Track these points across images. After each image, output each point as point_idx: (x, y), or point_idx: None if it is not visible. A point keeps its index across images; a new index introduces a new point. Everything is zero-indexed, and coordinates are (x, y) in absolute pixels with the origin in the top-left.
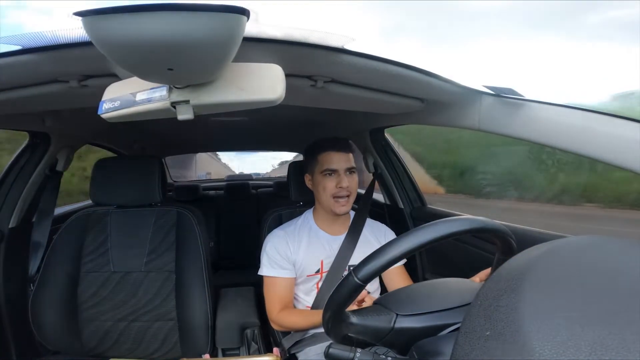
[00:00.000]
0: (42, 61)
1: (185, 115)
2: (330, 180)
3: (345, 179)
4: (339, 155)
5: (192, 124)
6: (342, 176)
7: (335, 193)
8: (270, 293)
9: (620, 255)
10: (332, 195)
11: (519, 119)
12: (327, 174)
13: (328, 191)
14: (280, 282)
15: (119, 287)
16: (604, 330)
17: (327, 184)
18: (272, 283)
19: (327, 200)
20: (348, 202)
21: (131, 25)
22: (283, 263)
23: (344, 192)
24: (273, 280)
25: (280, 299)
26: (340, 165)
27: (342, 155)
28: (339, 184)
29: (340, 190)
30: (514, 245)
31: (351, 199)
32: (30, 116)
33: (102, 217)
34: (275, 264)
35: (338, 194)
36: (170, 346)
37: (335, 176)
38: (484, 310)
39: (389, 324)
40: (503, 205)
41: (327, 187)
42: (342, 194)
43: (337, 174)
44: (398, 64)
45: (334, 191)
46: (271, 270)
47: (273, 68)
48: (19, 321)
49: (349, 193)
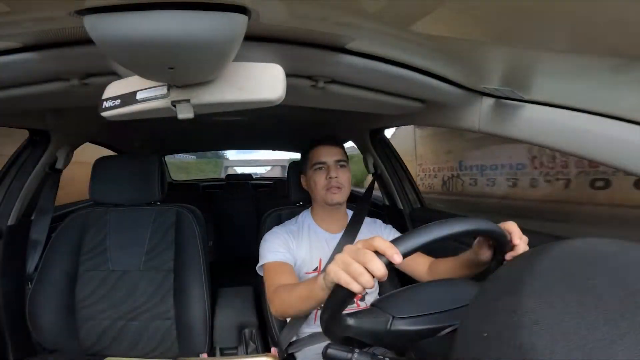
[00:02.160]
0: (44, 59)
1: (185, 114)
2: (320, 173)
3: (334, 170)
4: (328, 149)
5: (192, 123)
6: (331, 168)
7: (326, 185)
8: (273, 277)
9: (619, 256)
10: (323, 187)
11: (519, 120)
12: (318, 167)
13: (319, 185)
14: (282, 265)
15: (117, 285)
16: (603, 332)
17: (317, 178)
18: (272, 267)
19: (320, 193)
20: (340, 192)
21: (132, 24)
22: (283, 250)
23: (334, 182)
24: (273, 265)
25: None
26: (329, 158)
27: (331, 148)
28: (328, 174)
29: (330, 181)
30: (513, 245)
31: (344, 191)
32: (31, 114)
33: (101, 216)
34: (276, 250)
35: (328, 185)
36: (168, 345)
37: (325, 169)
38: (483, 311)
39: (385, 327)
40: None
41: (318, 181)
42: (333, 184)
43: (327, 167)
44: (399, 64)
45: (324, 183)
46: (271, 255)
47: (273, 68)
48: (17, 319)
49: (339, 185)
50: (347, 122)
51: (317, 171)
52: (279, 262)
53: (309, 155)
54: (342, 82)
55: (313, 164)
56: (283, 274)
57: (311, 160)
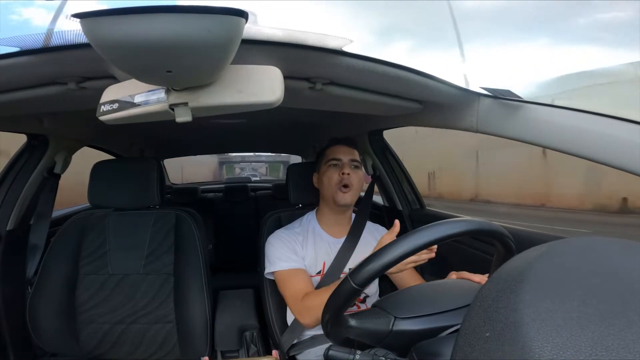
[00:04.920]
0: (41, 63)
1: (183, 117)
2: (334, 170)
3: (347, 168)
4: (344, 148)
5: (191, 126)
6: (345, 166)
7: (338, 183)
8: (293, 286)
9: (619, 256)
10: (336, 183)
11: (517, 120)
12: (332, 164)
13: (332, 181)
14: (299, 273)
15: (117, 289)
16: (604, 331)
17: (331, 174)
18: (289, 276)
19: (331, 190)
20: (351, 193)
21: (130, 28)
22: (294, 256)
23: (345, 179)
24: (289, 273)
25: (306, 289)
26: (345, 157)
27: (348, 148)
28: (342, 171)
29: (344, 178)
30: (513, 246)
31: (354, 192)
32: (29, 118)
33: (101, 220)
34: (288, 258)
35: (341, 183)
36: (169, 349)
37: (340, 166)
38: (484, 311)
39: (387, 327)
40: None
41: (332, 177)
42: (345, 182)
43: (342, 164)
44: (396, 65)
45: (337, 179)
46: (285, 264)
47: (272, 70)
48: (17, 323)
49: (350, 183)
50: (346, 124)
51: (332, 167)
52: (294, 270)
53: (326, 152)
54: (340, 84)
55: (328, 160)
56: (301, 282)
57: (327, 157)
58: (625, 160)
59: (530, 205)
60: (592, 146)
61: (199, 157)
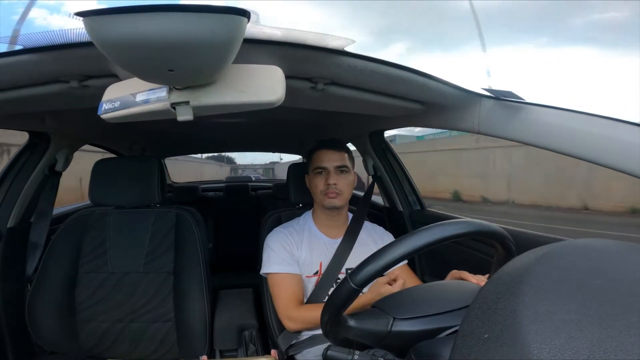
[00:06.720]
0: (43, 61)
1: (184, 116)
2: (320, 178)
3: (333, 176)
4: (330, 154)
5: (192, 125)
6: (331, 174)
7: (324, 190)
8: (282, 291)
9: (618, 258)
10: (322, 191)
11: (518, 122)
12: (318, 172)
13: (318, 189)
14: (291, 278)
15: (117, 288)
16: (603, 333)
17: (317, 182)
18: (282, 280)
19: (318, 197)
20: (338, 197)
21: (132, 26)
22: (290, 260)
23: (332, 189)
24: (282, 277)
25: (296, 295)
26: (329, 164)
27: (333, 153)
28: (326, 181)
29: (328, 187)
30: (513, 248)
31: (343, 197)
32: (30, 116)
33: (101, 218)
34: (284, 261)
35: (326, 191)
36: (168, 347)
37: (325, 174)
38: (483, 312)
39: (386, 327)
40: None
41: (318, 185)
42: (330, 191)
43: (327, 172)
44: (398, 66)
45: (322, 188)
46: (279, 267)
47: (273, 70)
48: (16, 321)
49: (338, 192)
50: (347, 124)
51: (317, 175)
52: (287, 275)
53: (312, 157)
54: (342, 84)
55: (314, 168)
56: (291, 287)
57: (313, 164)
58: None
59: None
60: (594, 148)
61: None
